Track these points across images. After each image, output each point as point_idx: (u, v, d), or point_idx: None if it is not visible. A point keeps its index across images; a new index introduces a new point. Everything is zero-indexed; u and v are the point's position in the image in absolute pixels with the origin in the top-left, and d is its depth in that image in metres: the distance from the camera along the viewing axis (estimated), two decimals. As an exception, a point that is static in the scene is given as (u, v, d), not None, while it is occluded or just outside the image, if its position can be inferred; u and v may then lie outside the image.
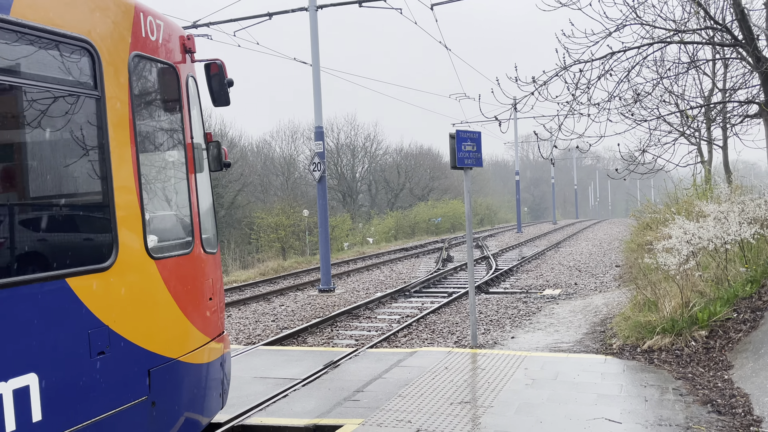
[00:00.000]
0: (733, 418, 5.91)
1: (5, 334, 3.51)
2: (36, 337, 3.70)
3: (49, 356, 3.78)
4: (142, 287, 4.53)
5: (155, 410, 4.59)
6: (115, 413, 4.22)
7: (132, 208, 4.44)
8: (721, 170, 21.01)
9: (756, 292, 8.90)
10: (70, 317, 3.94)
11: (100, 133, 4.23)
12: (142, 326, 4.50)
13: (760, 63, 11.15)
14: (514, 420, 6.09)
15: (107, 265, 4.20)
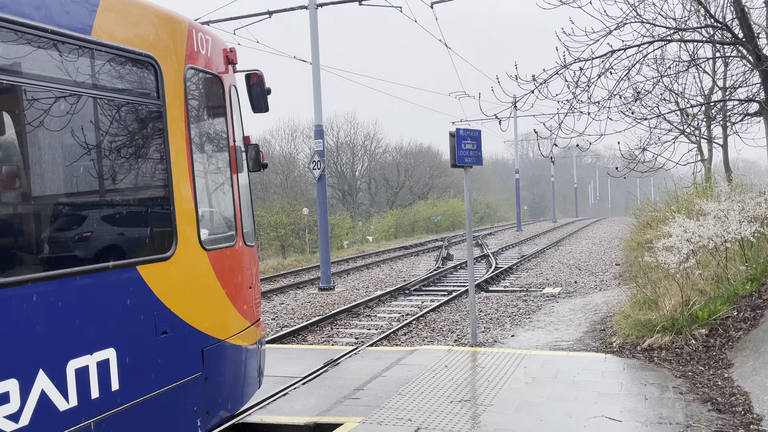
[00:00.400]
0: (733, 416, 5.91)
1: (90, 313, 4.08)
2: (114, 316, 4.26)
3: (125, 334, 4.33)
4: (196, 275, 5.09)
5: (207, 386, 5.13)
6: (175, 386, 4.77)
7: (188, 204, 4.98)
8: (721, 168, 21.01)
9: (756, 291, 8.90)
10: (141, 300, 4.49)
11: (163, 138, 4.79)
12: (197, 310, 5.04)
13: (760, 61, 11.14)
14: (514, 418, 6.09)
15: (168, 255, 4.75)
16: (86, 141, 4.32)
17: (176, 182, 4.84)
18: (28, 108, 3.92)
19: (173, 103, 4.88)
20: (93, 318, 4.09)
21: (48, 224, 4.12)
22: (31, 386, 3.66)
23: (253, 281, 5.97)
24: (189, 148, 5.02)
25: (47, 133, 4.10)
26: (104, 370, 4.12)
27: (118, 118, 4.54)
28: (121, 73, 4.54)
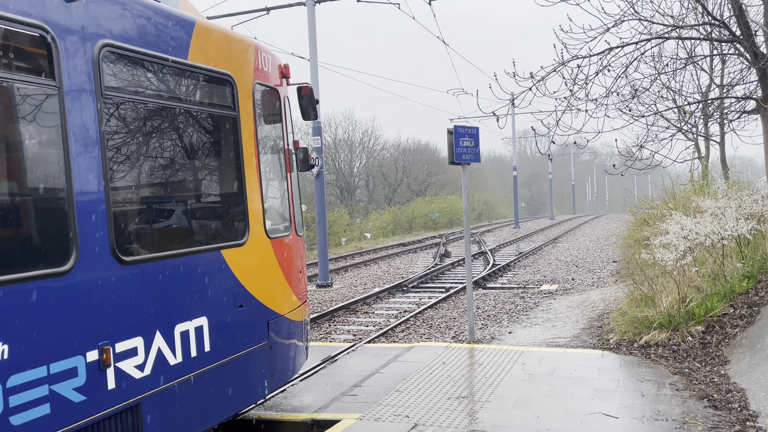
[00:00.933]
0: (729, 413, 5.93)
1: (192, 286, 5.00)
2: (207, 290, 5.16)
3: (214, 305, 5.22)
4: (262, 259, 5.99)
5: (272, 353, 6.04)
6: (249, 351, 5.67)
7: (257, 200, 5.88)
8: (718, 166, 21.04)
9: (752, 288, 8.93)
10: (224, 277, 5.39)
11: (238, 144, 5.66)
12: (263, 288, 5.94)
13: (757, 59, 11.16)
14: (512, 415, 6.11)
15: (243, 241, 5.66)
16: (186, 148, 5.33)
17: (248, 180, 5.74)
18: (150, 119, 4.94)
19: (245, 113, 5.75)
20: (193, 290, 5.04)
21: (165, 214, 5.13)
22: (151, 343, 4.57)
23: (302, 266, 6.89)
24: (257, 151, 5.91)
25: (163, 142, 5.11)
26: (200, 334, 5.05)
27: (208, 128, 5.57)
28: (208, 89, 5.50)
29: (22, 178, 4.00)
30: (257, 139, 5.94)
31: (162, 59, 4.86)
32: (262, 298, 5.90)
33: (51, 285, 3.82)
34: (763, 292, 8.75)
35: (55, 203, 4.03)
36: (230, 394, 5.44)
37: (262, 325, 5.90)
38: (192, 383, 4.95)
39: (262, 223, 5.93)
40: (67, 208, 3.98)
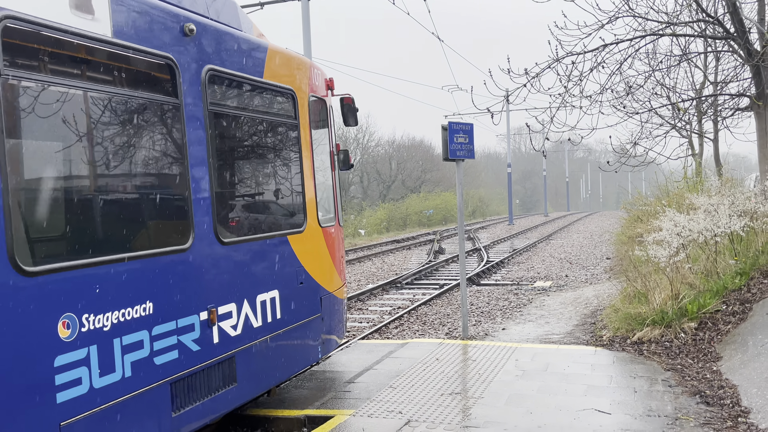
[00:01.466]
0: (721, 409, 5.95)
1: (268, 263, 6.12)
2: (277, 268, 6.24)
3: (283, 280, 6.32)
4: (316, 244, 7.05)
5: (323, 323, 7.12)
6: (307, 321, 6.78)
7: (311, 195, 6.95)
8: (711, 163, 21.10)
9: (745, 285, 8.96)
10: (289, 258, 6.47)
11: (299, 148, 6.79)
12: (317, 268, 7.01)
13: (751, 56, 11.19)
14: (505, 411, 6.12)
15: (302, 229, 6.76)
16: (263, 152, 6.65)
17: (306, 178, 6.84)
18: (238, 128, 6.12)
19: (303, 121, 6.83)
20: (269, 267, 6.12)
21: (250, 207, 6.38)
22: (241, 309, 5.65)
23: (342, 252, 7.92)
24: (311, 153, 7.00)
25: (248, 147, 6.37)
26: (273, 304, 6.13)
27: (278, 134, 6.70)
28: (276, 102, 6.60)
29: (158, 179, 5.18)
30: (312, 143, 7.05)
31: (246, 78, 6.00)
32: (316, 277, 7.02)
33: (177, 258, 4.96)
34: (755, 288, 8.78)
35: (179, 196, 5.14)
36: (294, 355, 6.57)
37: (317, 300, 7.03)
38: (268, 343, 6.06)
39: (315, 214, 7.05)
40: (186, 199, 5.11)
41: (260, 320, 5.93)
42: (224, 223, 5.66)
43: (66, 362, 3.99)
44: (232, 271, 5.58)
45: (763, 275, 9.08)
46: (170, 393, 4.83)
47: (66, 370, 3.98)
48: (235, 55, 5.82)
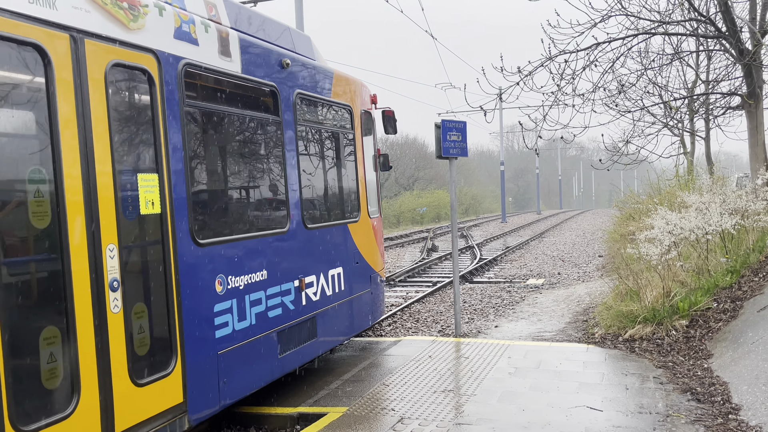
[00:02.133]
0: (712, 406, 5.99)
1: (335, 246, 7.67)
2: (341, 249, 7.84)
3: (344, 260, 7.91)
4: (366, 231, 8.61)
5: (371, 297, 8.76)
6: (361, 294, 8.38)
7: (363, 191, 8.60)
8: (703, 161, 21.21)
9: (736, 282, 9.01)
10: (349, 242, 8.08)
11: (355, 153, 8.41)
12: (367, 251, 8.58)
13: (743, 55, 11.24)
14: (497, 408, 6.14)
15: (357, 219, 8.37)
16: (332, 157, 8.07)
17: (360, 177, 8.51)
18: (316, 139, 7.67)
19: (357, 131, 8.46)
20: (335, 248, 7.70)
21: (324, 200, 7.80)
22: (320, 280, 7.26)
23: (382, 239, 9.40)
24: (363, 157, 8.62)
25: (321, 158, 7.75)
26: (339, 278, 7.70)
27: (342, 142, 8.24)
28: (340, 116, 8.23)
29: (269, 179, 6.71)
30: (363, 149, 8.63)
31: (320, 99, 7.61)
32: (367, 258, 8.60)
33: (280, 238, 6.57)
34: (746, 286, 8.84)
35: (282, 193, 6.75)
36: (353, 321, 8.17)
37: (368, 277, 8.63)
38: (336, 309, 7.63)
39: (366, 207, 8.64)
40: (286, 195, 6.75)
41: (331, 290, 7.56)
42: (307, 213, 7.18)
43: (219, 309, 5.56)
44: (312, 250, 7.21)
45: (754, 273, 9.14)
46: (277, 340, 6.42)
47: (219, 315, 5.55)
48: (313, 81, 7.47)
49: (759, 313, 7.82)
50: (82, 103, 4.36)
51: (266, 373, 6.25)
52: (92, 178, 4.38)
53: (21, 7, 3.97)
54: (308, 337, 7.00)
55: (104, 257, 4.46)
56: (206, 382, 5.37)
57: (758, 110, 11.71)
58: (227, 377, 5.63)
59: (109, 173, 4.54)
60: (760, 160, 11.68)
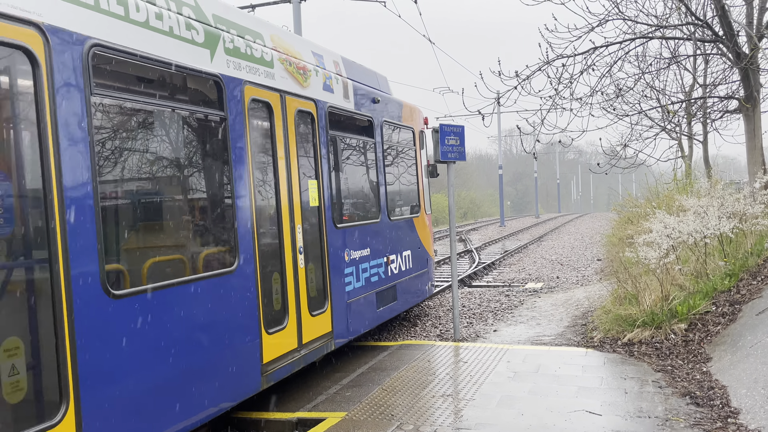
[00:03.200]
0: (711, 409, 5.99)
1: (406, 234, 10.07)
2: (409, 237, 10.17)
3: (412, 245, 10.26)
4: (424, 225, 10.96)
5: (428, 275, 11.18)
6: (421, 272, 10.74)
7: (422, 193, 11.01)
8: (701, 165, 21.24)
9: (734, 286, 9.01)
10: (413, 232, 10.38)
11: (417, 164, 10.86)
12: (425, 240, 10.96)
13: (740, 59, 11.27)
14: (496, 412, 6.13)
15: (418, 215, 10.72)
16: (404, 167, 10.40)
17: (419, 182, 10.97)
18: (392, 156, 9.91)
19: (417, 147, 10.91)
20: (406, 236, 10.06)
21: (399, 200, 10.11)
22: (398, 259, 9.59)
23: (432, 232, 11.72)
24: (420, 167, 11.01)
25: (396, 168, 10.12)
26: (408, 258, 10.03)
27: (408, 156, 10.62)
28: (407, 136, 10.58)
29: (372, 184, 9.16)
30: (420, 160, 11.04)
31: (395, 124, 10.01)
32: (425, 245, 11.01)
33: (374, 225, 8.96)
34: (744, 290, 8.84)
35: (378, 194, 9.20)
36: (417, 292, 10.69)
37: (425, 260, 11.02)
38: (407, 281, 10.04)
39: (423, 206, 11.02)
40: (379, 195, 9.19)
41: (404, 267, 9.94)
42: (390, 208, 9.58)
43: (347, 272, 8.04)
44: (393, 236, 9.57)
45: (752, 276, 9.14)
46: (375, 298, 8.82)
47: (347, 276, 8.03)
48: (391, 110, 9.86)
49: (757, 317, 7.81)
50: (284, 142, 6.80)
51: (370, 320, 8.72)
52: (294, 185, 6.94)
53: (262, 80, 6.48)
54: (392, 300, 9.44)
55: (297, 233, 6.89)
56: (341, 320, 7.83)
57: (756, 114, 11.74)
58: (351, 319, 8.10)
59: (298, 183, 7.01)
60: (757, 163, 11.70)
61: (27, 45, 3.83)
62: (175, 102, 5.52)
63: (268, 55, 6.67)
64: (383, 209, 9.22)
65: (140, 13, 4.83)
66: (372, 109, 9.07)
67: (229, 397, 5.59)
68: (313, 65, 7.66)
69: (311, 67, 7.52)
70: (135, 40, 4.73)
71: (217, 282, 5.51)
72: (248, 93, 6.20)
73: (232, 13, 6.44)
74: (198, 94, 5.77)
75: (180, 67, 5.26)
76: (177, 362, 4.92)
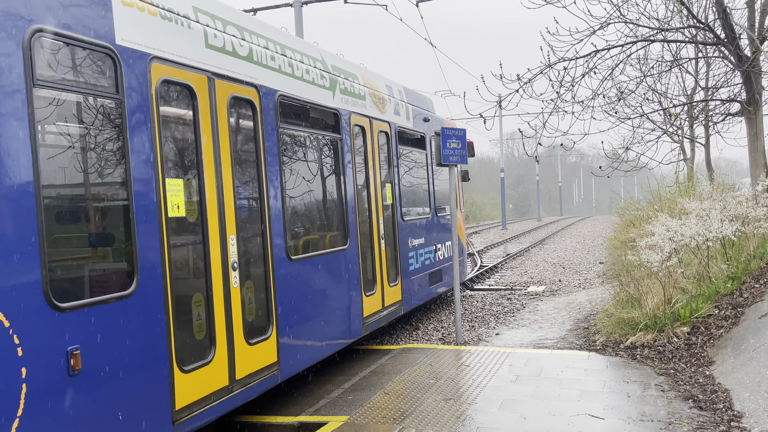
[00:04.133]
0: (714, 413, 5.97)
1: (448, 228, 12.13)
2: (449, 230, 12.01)
3: (451, 237, 11.71)
4: (459, 221, 12.47)
5: (463, 264, 13.42)
6: (461, 259, 13.08)
7: (460, 194, 13.22)
8: (703, 168, 21.21)
9: (737, 289, 8.99)
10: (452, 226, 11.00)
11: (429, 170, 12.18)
12: (460, 233, 12.76)
13: (742, 62, 11.26)
14: (498, 416, 6.12)
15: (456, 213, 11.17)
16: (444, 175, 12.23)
17: (458, 186, 12.45)
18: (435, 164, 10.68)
19: None
20: (447, 230, 12.09)
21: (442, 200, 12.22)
22: (442, 248, 11.90)
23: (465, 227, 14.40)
24: (458, 173, 12.98)
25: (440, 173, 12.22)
26: (449, 248, 12.04)
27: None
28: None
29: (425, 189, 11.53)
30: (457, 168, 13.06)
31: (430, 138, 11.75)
32: (461, 238, 13.05)
33: (426, 220, 11.16)
34: (747, 293, 8.82)
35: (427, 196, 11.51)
36: (461, 272, 12.99)
37: (461, 250, 13.06)
38: (448, 267, 11.94)
39: (459, 205, 12.90)
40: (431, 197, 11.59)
41: (447, 255, 12.08)
42: (437, 207, 11.83)
43: (410, 255, 10.27)
44: (439, 229, 11.76)
45: (755, 279, 9.12)
46: (428, 277, 11.06)
47: (410, 259, 10.26)
48: (435, 126, 11.65)
49: (760, 320, 7.79)
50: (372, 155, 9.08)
51: (424, 295, 10.98)
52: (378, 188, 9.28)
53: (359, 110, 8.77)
54: (439, 280, 11.69)
55: (380, 224, 9.18)
56: (408, 292, 10.09)
57: (757, 116, 11.72)
58: (413, 292, 10.35)
59: (380, 186, 9.35)
60: (759, 166, 11.68)
61: (251, 98, 6.25)
62: (314, 129, 7.74)
63: (362, 91, 9.01)
64: (432, 207, 11.62)
65: (299, 71, 7.24)
66: (423, 127, 11.36)
67: (349, 336, 8.02)
68: (387, 95, 9.97)
69: (386, 96, 9.89)
70: (298, 89, 7.16)
71: (337, 255, 7.83)
72: (353, 120, 8.53)
73: (340, 61, 8.70)
74: (325, 122, 8.02)
75: (316, 104, 7.62)
76: (318, 308, 7.24)
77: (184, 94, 5.36)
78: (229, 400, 5.51)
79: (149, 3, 5.04)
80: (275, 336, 6.27)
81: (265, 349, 6.10)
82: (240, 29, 6.30)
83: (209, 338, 5.35)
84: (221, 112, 5.68)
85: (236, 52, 6.07)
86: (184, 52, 5.27)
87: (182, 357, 5.01)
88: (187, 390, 5.02)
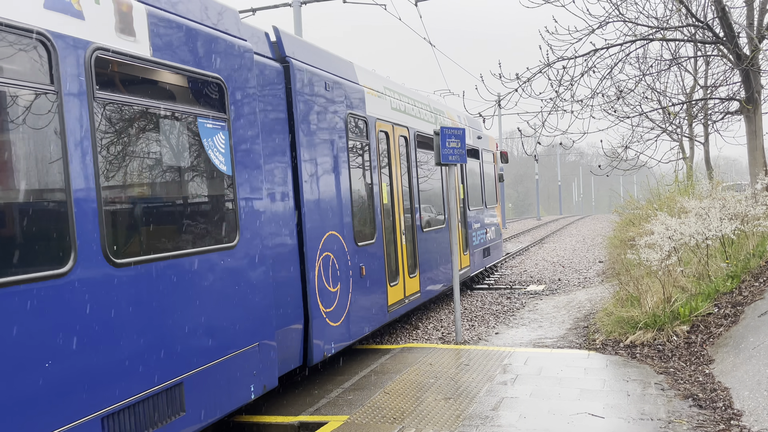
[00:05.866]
0: (714, 411, 5.97)
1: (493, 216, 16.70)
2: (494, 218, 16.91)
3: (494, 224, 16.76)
4: (498, 212, 17.52)
5: (501, 245, 17.77)
6: (500, 241, 17.49)
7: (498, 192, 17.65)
8: (702, 166, 21.22)
9: (736, 288, 9.00)
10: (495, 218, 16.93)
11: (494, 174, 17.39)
12: (498, 222, 17.43)
13: (740, 60, 11.26)
14: (498, 415, 6.12)
15: (495, 204, 17.00)
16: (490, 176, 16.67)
17: (496, 185, 17.18)
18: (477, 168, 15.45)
19: (496, 163, 17.43)
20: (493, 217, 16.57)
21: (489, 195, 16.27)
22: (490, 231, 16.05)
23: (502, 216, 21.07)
24: (497, 176, 17.44)
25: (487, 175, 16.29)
26: (493, 231, 16.45)
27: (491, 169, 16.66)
28: (490, 157, 16.59)
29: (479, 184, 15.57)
30: (496, 171, 17.02)
31: (485, 149, 15.78)
32: (499, 224, 16.87)
33: (481, 210, 15.34)
34: (746, 291, 8.82)
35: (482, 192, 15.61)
36: (499, 253, 17.14)
37: (500, 234, 16.99)
38: (493, 246, 16.26)
39: (498, 198, 17.02)
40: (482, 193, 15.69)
41: (489, 237, 15.49)
42: (486, 200, 15.48)
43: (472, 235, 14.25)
44: (482, 219, 14.97)
45: (755, 278, 9.13)
46: (482, 252, 14.89)
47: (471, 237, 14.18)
48: (483, 141, 15.51)
49: (760, 318, 7.80)
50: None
51: (479, 264, 14.69)
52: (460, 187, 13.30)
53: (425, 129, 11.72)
54: (488, 254, 15.47)
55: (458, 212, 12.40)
56: (473, 261, 13.98)
57: (757, 115, 11.73)
58: (475, 262, 14.26)
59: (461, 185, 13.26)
60: (759, 164, 11.69)
61: (406, 135, 10.53)
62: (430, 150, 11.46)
63: (448, 122, 13.22)
64: (484, 200, 15.43)
65: (421, 113, 11.55)
66: (476, 143, 15.07)
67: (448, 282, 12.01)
68: (458, 121, 13.99)
69: (458, 122, 13.99)
70: (422, 127, 11.41)
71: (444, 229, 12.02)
72: None
73: (435, 101, 13.22)
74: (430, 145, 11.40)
75: (427, 135, 11.46)
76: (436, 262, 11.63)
77: (383, 136, 9.62)
78: (404, 306, 9.80)
79: (372, 89, 9.36)
80: (418, 275, 10.49)
81: (415, 281, 10.32)
82: (400, 95, 10.66)
83: (396, 270, 9.64)
84: (396, 142, 10.07)
85: (400, 109, 10.49)
86: (384, 114, 9.69)
87: (389, 278, 9.29)
88: (391, 296, 9.31)
